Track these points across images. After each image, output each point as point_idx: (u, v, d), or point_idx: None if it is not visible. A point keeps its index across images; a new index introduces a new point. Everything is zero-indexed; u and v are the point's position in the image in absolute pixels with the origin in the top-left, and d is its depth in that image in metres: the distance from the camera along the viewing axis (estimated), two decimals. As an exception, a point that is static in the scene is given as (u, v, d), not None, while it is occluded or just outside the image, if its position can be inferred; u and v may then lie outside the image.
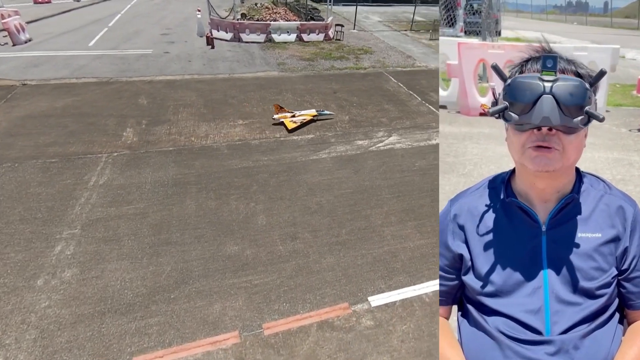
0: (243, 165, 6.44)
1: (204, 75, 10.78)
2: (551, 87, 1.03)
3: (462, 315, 1.41)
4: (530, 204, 1.24)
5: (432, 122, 8.49)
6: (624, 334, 1.27)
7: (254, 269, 4.40)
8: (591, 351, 1.15)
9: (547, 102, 1.02)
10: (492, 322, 1.25)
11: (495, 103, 1.17)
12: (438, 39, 16.63)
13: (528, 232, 1.22)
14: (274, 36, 14.53)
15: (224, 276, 4.27)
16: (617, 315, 1.26)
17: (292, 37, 14.87)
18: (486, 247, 1.25)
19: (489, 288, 1.24)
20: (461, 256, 1.32)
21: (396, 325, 3.82)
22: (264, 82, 10.52)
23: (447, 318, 1.49)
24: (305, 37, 15.03)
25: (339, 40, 15.60)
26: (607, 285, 1.19)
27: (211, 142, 7.17)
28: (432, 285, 4.29)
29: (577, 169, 1.27)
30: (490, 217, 1.28)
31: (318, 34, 15.31)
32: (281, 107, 8.17)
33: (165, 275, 4.23)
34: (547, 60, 1.05)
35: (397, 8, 25.46)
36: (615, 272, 1.21)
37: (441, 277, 1.42)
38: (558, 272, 1.18)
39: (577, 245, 1.18)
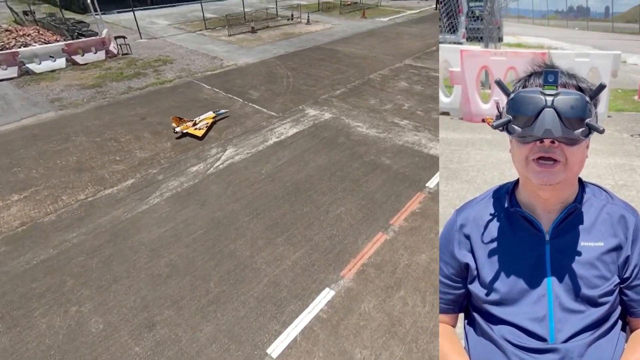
0: (40, 259, 4.58)
1: None
2: (553, 100, 1.06)
3: (468, 324, 1.40)
4: (534, 214, 1.26)
5: (261, 122, 8.20)
6: (626, 342, 1.28)
7: (108, 402, 3.14)
8: (595, 358, 1.17)
9: (549, 115, 1.05)
10: (498, 331, 1.25)
11: (499, 116, 1.19)
12: (235, 34, 16.38)
13: (532, 241, 1.24)
14: (31, 66, 11.08)
15: None
16: (619, 323, 1.27)
17: (61, 62, 11.72)
18: (491, 256, 1.27)
19: (495, 296, 1.25)
20: (467, 265, 1.33)
21: (307, 364, 3.42)
22: (37, 131, 7.87)
23: (454, 326, 1.46)
24: (79, 59, 12.09)
25: (127, 54, 13.30)
26: (609, 293, 1.21)
27: (-29, 244, 4.81)
28: (323, 297, 4.06)
29: (580, 179, 1.27)
30: (495, 226, 1.30)
31: (96, 52, 12.58)
32: (180, 118, 7.66)
33: None
34: (548, 75, 1.08)
35: (182, 7, 23.73)
36: (618, 281, 1.23)
37: (446, 286, 1.40)
38: (561, 281, 1.20)
39: (580, 254, 1.20)
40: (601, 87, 1.09)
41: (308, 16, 19.59)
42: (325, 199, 5.64)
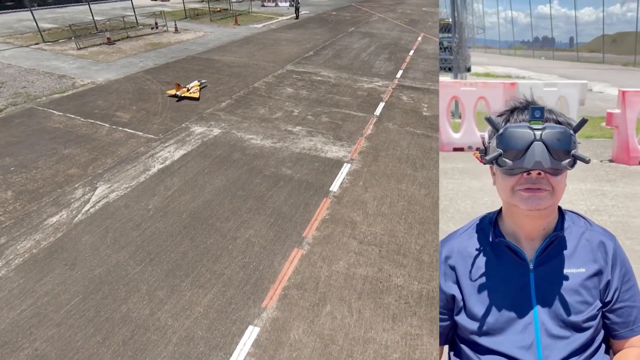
0: None
1: None
2: (541, 134, 1.13)
3: (454, 355, 1.41)
4: (517, 243, 1.29)
5: (139, 148, 7.07)
6: None
7: None
8: None
9: (539, 148, 1.12)
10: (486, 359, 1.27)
11: (484, 150, 1.26)
12: (87, 47, 13.93)
13: (517, 271, 1.27)
14: None
15: None
16: (603, 347, 1.30)
17: None
18: (477, 286, 1.30)
19: (482, 327, 1.27)
20: (453, 297, 1.35)
21: None
22: None
23: (440, 358, 1.50)
24: None
25: None
26: (592, 317, 1.25)
27: None
28: (247, 338, 3.64)
29: (559, 207, 1.31)
30: (479, 257, 1.32)
31: None
32: (179, 85, 9.35)
33: None
34: (535, 110, 1.15)
35: (4, 17, 19.02)
36: (600, 305, 1.27)
37: (439, 319, 1.43)
38: (547, 308, 1.23)
39: (564, 281, 1.25)
40: (583, 121, 1.18)
41: (175, 24, 18.06)
42: (230, 225, 5.15)
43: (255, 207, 5.53)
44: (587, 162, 1.14)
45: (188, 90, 9.42)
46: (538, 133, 1.14)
